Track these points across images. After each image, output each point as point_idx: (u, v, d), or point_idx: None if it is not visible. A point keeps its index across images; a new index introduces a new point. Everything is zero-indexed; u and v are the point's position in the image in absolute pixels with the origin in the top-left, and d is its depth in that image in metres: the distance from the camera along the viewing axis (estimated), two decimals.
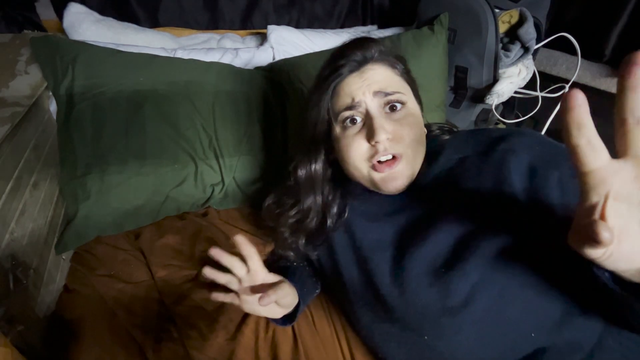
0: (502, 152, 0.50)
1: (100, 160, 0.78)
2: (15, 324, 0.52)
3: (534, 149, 0.50)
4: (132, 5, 1.06)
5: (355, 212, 0.61)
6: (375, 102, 0.53)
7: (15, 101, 0.69)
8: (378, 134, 0.51)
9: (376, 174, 0.54)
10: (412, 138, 0.53)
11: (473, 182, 0.51)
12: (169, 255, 0.75)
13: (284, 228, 0.65)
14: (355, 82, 0.54)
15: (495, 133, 0.55)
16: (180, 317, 0.63)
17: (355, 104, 0.54)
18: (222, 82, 0.92)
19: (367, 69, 0.55)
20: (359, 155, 0.54)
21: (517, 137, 0.52)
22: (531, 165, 0.48)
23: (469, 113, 1.22)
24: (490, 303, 0.46)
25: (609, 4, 1.00)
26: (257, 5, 1.19)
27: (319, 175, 0.61)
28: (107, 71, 0.82)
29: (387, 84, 0.54)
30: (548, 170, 0.47)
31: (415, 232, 0.53)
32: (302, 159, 0.61)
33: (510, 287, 0.46)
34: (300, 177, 0.61)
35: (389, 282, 0.53)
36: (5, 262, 0.55)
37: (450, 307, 0.47)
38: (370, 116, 0.53)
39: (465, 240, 0.48)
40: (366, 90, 0.53)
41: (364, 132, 0.53)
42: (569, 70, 1.11)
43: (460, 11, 1.07)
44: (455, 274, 0.47)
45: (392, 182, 0.54)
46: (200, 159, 0.86)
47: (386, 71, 0.56)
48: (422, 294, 0.49)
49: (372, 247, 0.57)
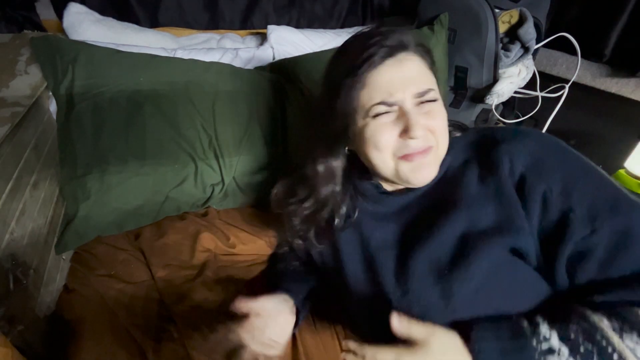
0: (501, 156, 0.50)
1: (100, 160, 0.78)
2: (15, 324, 0.52)
3: (532, 156, 0.48)
4: (132, 5, 1.07)
5: (365, 213, 0.60)
6: (413, 100, 0.50)
7: (15, 101, 0.69)
8: (415, 130, 0.48)
9: (406, 164, 0.51)
10: (444, 128, 0.52)
11: (474, 184, 0.51)
12: (169, 255, 0.75)
13: (296, 217, 0.63)
14: (392, 75, 0.49)
15: (499, 135, 0.53)
16: (180, 317, 0.63)
17: (392, 102, 0.49)
18: (222, 82, 0.92)
19: (404, 58, 0.50)
20: (388, 146, 0.50)
21: (520, 141, 0.50)
22: (522, 174, 0.48)
23: (469, 113, 1.22)
24: (493, 304, 0.47)
25: (609, 4, 1.00)
26: (257, 5, 1.20)
27: (339, 169, 0.59)
28: (107, 71, 0.82)
29: (423, 81, 0.50)
30: (536, 183, 0.46)
31: (419, 232, 0.53)
32: (322, 152, 0.58)
33: (514, 289, 0.46)
34: (320, 170, 0.58)
35: (393, 282, 0.53)
36: (5, 262, 0.55)
37: (452, 309, 0.47)
38: (405, 111, 0.49)
39: (468, 241, 0.48)
40: (406, 90, 0.49)
41: (397, 125, 0.50)
42: (568, 70, 1.11)
43: (460, 11, 1.07)
44: (458, 275, 0.47)
45: (422, 171, 0.51)
46: (200, 159, 0.86)
47: (421, 64, 0.51)
48: (426, 295, 0.49)
49: (379, 246, 0.56)
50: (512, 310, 0.46)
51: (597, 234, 0.42)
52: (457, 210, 0.50)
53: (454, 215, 0.50)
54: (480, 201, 0.49)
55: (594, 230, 0.43)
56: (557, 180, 0.45)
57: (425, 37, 1.04)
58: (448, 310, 0.47)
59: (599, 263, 0.43)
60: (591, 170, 0.47)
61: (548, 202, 0.45)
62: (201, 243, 0.78)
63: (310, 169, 0.59)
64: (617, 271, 0.42)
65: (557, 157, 0.48)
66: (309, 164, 0.59)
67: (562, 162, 0.47)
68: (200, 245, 0.77)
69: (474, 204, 0.49)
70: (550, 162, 0.47)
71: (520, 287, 0.47)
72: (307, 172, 0.60)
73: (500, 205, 0.48)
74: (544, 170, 0.47)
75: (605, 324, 0.39)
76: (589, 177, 0.46)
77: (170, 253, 0.76)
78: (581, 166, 0.47)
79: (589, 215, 0.43)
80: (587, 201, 0.44)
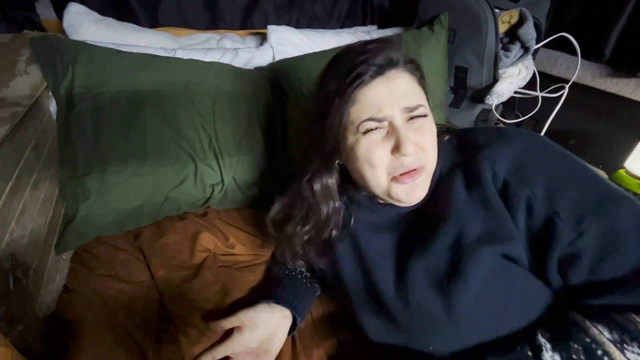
0: (482, 163, 0.49)
1: (100, 160, 0.78)
2: (15, 324, 0.52)
3: (514, 160, 0.47)
4: (132, 5, 1.06)
5: (360, 223, 0.60)
6: (402, 116, 0.50)
7: (15, 101, 0.69)
8: (406, 147, 0.48)
9: (398, 185, 0.51)
10: (432, 146, 0.52)
11: (462, 192, 0.50)
12: (169, 255, 0.75)
13: (297, 239, 0.62)
14: (381, 91, 0.49)
15: (482, 139, 0.52)
16: (179, 317, 0.63)
17: (381, 118, 0.49)
18: (222, 82, 0.92)
19: (393, 75, 0.50)
20: (382, 164, 0.50)
21: (502, 145, 0.49)
22: (505, 180, 0.47)
23: (469, 113, 1.22)
24: (493, 311, 0.46)
25: (609, 4, 1.00)
26: (257, 5, 1.19)
27: (335, 187, 0.59)
28: (107, 71, 0.82)
29: (412, 97, 0.50)
30: (519, 189, 0.46)
31: (415, 242, 0.53)
32: (318, 171, 0.57)
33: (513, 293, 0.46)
34: (317, 190, 0.58)
35: (392, 293, 0.53)
36: (5, 262, 0.55)
37: (455, 319, 0.47)
38: (396, 128, 0.49)
39: (462, 250, 0.48)
40: (395, 105, 0.49)
41: (387, 142, 0.50)
42: (568, 70, 1.11)
43: (460, 11, 1.07)
44: (457, 285, 0.47)
45: (415, 192, 0.51)
46: (200, 159, 0.86)
47: (410, 80, 0.51)
48: (426, 306, 0.49)
49: (376, 258, 0.56)
50: (513, 315, 0.46)
51: (585, 236, 0.42)
52: (449, 219, 0.50)
53: (446, 224, 0.50)
54: (469, 209, 0.49)
55: (581, 233, 0.42)
56: (541, 185, 0.45)
57: (425, 37, 1.04)
58: (451, 320, 0.47)
59: (589, 265, 0.42)
60: (576, 170, 0.46)
61: (532, 208, 0.45)
62: (201, 243, 0.78)
63: (306, 188, 0.58)
64: (608, 273, 0.42)
65: (541, 160, 0.47)
66: (305, 183, 0.58)
67: (545, 165, 0.46)
68: (200, 245, 0.77)
69: (464, 213, 0.49)
70: (533, 166, 0.47)
71: (519, 291, 0.46)
72: (303, 192, 0.59)
73: (488, 214, 0.47)
74: (527, 175, 0.46)
75: (605, 338, 0.39)
76: (574, 178, 0.45)
77: (170, 253, 0.76)
78: (566, 167, 0.46)
79: (575, 218, 0.43)
80: (573, 204, 0.43)
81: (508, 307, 0.46)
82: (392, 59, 0.50)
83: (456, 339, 0.48)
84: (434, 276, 0.49)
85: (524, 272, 0.47)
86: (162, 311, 0.65)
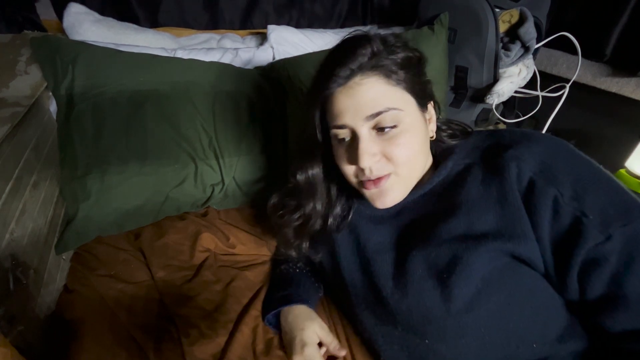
0: (507, 161, 0.48)
1: (101, 160, 0.78)
2: (15, 324, 0.52)
3: (541, 161, 0.47)
4: (132, 5, 1.07)
5: (361, 215, 0.60)
6: (366, 125, 0.50)
7: (15, 101, 0.69)
8: (362, 161, 0.49)
9: (366, 191, 0.54)
10: (405, 156, 0.51)
11: (475, 188, 0.50)
12: (169, 255, 0.75)
13: (288, 229, 0.64)
14: (343, 101, 0.50)
15: (506, 139, 0.52)
16: (180, 317, 0.63)
17: (345, 127, 0.51)
18: (222, 82, 0.92)
19: (355, 83, 0.49)
20: (349, 171, 0.54)
21: (529, 146, 0.49)
22: (531, 179, 0.46)
23: (469, 113, 1.22)
24: (495, 309, 0.46)
25: (609, 4, 1.00)
26: (257, 5, 1.19)
27: (319, 180, 0.61)
28: (107, 71, 0.82)
29: (378, 102, 0.49)
30: (546, 187, 0.45)
31: (416, 235, 0.53)
32: (300, 163, 0.61)
33: (519, 295, 0.46)
34: (300, 181, 0.61)
35: (391, 285, 0.53)
36: (5, 262, 0.55)
37: (454, 312, 0.47)
38: (357, 138, 0.50)
39: (466, 244, 0.47)
40: (355, 115, 0.49)
41: (351, 151, 0.52)
42: (569, 70, 1.11)
43: (460, 11, 1.07)
44: (457, 278, 0.47)
45: (381, 198, 0.53)
46: (200, 159, 0.86)
47: (378, 85, 0.49)
48: (425, 298, 0.49)
49: (375, 249, 0.56)
50: (517, 315, 0.46)
51: (611, 240, 0.41)
52: (456, 214, 0.49)
53: (452, 218, 0.49)
54: (481, 206, 0.49)
55: (609, 236, 0.41)
56: (568, 185, 0.44)
57: (426, 36, 1.04)
58: (450, 313, 0.47)
59: (612, 272, 0.41)
60: (602, 176, 0.45)
61: (559, 207, 0.44)
62: (201, 243, 0.78)
63: (292, 180, 0.62)
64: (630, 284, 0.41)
65: (567, 162, 0.46)
66: (291, 175, 0.62)
67: (572, 167, 0.46)
68: (200, 245, 0.77)
69: (474, 208, 0.49)
70: (560, 167, 0.46)
71: (527, 294, 0.46)
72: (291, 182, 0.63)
73: (502, 211, 0.47)
74: (554, 175, 0.45)
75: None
76: (600, 183, 0.44)
77: (170, 253, 0.76)
78: (592, 171, 0.46)
79: (602, 221, 0.42)
80: (600, 207, 0.42)
81: (513, 308, 0.46)
82: (353, 68, 0.49)
83: (453, 333, 0.48)
84: (434, 268, 0.49)
85: (534, 274, 0.46)
86: (163, 311, 0.65)
